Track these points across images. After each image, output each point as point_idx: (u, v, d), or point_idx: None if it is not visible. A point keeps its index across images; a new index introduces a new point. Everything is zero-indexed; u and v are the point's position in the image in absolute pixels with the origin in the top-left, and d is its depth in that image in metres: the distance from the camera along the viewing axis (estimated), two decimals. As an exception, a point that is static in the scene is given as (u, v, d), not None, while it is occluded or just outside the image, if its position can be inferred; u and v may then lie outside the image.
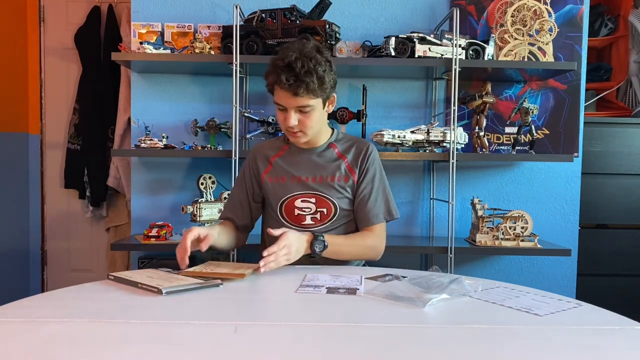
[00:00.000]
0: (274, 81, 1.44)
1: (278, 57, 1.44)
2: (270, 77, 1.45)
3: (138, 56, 2.10)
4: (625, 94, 2.72)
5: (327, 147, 1.62)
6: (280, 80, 1.40)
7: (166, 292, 1.11)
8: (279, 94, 1.46)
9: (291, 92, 1.42)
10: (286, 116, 1.48)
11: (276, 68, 1.42)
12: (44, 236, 3.17)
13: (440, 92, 2.35)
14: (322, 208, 1.57)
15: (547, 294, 1.20)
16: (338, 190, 1.57)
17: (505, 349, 0.86)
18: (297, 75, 1.39)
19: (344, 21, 2.29)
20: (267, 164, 1.63)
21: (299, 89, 1.41)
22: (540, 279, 2.40)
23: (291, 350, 0.84)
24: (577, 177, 2.38)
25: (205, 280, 1.20)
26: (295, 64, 1.39)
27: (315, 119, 1.50)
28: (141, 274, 1.27)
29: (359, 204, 1.59)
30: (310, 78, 1.40)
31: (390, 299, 1.11)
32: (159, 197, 2.35)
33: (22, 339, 0.86)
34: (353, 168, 1.59)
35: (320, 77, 1.43)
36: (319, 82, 1.43)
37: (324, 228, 1.57)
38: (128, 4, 2.61)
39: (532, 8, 2.30)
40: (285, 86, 1.41)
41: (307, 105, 1.46)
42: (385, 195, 1.62)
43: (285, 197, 1.58)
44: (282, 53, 1.44)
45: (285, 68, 1.40)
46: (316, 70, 1.41)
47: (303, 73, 1.40)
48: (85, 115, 2.95)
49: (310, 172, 1.59)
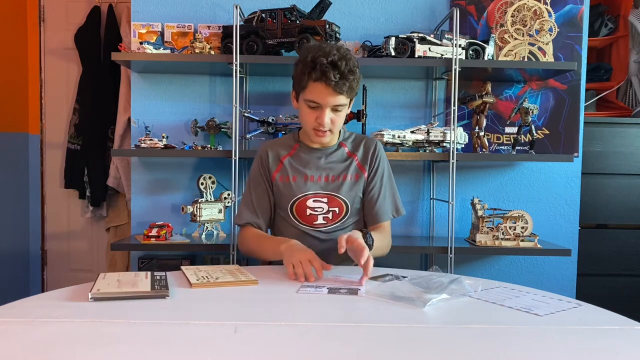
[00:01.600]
0: (317, 77, 1.42)
1: (317, 55, 1.42)
2: (313, 73, 1.42)
3: (138, 56, 2.10)
4: (625, 94, 2.72)
5: (338, 146, 1.63)
6: (328, 77, 1.40)
7: (92, 298, 1.07)
8: (316, 90, 1.44)
9: (334, 90, 1.43)
10: (319, 114, 1.48)
11: (320, 65, 1.41)
12: (44, 236, 3.17)
13: (440, 92, 2.35)
14: (334, 207, 1.57)
15: (547, 294, 1.20)
16: (350, 189, 1.58)
17: (505, 349, 0.86)
18: (342, 73, 1.42)
19: (344, 21, 2.29)
20: (278, 163, 1.62)
21: (343, 87, 1.43)
22: (540, 279, 2.40)
23: (291, 350, 0.84)
24: (577, 177, 2.38)
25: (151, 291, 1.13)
26: (340, 62, 1.41)
27: (343, 118, 1.53)
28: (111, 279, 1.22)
29: (368, 202, 1.60)
30: (353, 76, 1.44)
31: (391, 299, 1.11)
32: (159, 197, 2.35)
33: (22, 339, 0.86)
34: (363, 166, 1.61)
35: (358, 78, 1.48)
36: (357, 82, 1.48)
37: (334, 227, 1.58)
38: (128, 4, 2.61)
39: (532, 8, 2.30)
40: (332, 83, 1.41)
41: (342, 104, 1.48)
42: (392, 193, 1.64)
43: (296, 197, 1.57)
44: (317, 51, 1.43)
45: (330, 65, 1.41)
46: (355, 71, 1.45)
47: (347, 72, 1.42)
48: (85, 115, 2.95)
49: (322, 171, 1.59)
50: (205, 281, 1.25)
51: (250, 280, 1.26)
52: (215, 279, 1.26)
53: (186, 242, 2.08)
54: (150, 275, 1.27)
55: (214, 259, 2.29)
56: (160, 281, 1.21)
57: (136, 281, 1.20)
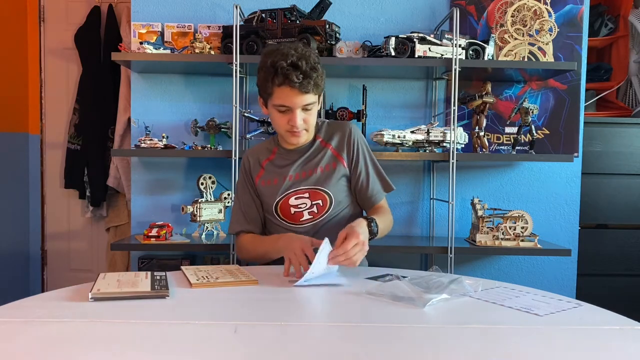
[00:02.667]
0: (280, 82, 1.41)
1: (277, 59, 1.40)
2: (276, 79, 1.41)
3: (138, 56, 2.10)
4: (625, 94, 2.72)
5: (314, 140, 1.62)
6: (291, 79, 1.39)
7: (92, 298, 1.08)
8: (283, 94, 1.43)
9: (300, 90, 1.42)
10: (290, 117, 1.47)
11: (280, 69, 1.39)
12: (44, 236, 3.17)
13: (440, 92, 2.35)
14: (317, 200, 1.56)
15: (547, 294, 1.20)
16: (329, 178, 1.57)
17: (505, 349, 0.86)
18: (304, 72, 1.40)
19: (344, 21, 2.29)
20: (259, 168, 1.63)
21: (308, 86, 1.41)
22: (540, 279, 2.40)
23: (291, 350, 0.84)
24: (577, 177, 2.38)
25: (151, 291, 1.13)
26: (300, 62, 1.39)
27: (315, 115, 1.52)
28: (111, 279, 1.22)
29: (359, 189, 1.60)
30: (316, 73, 1.43)
31: (390, 299, 1.11)
32: (159, 197, 2.35)
33: (22, 339, 0.86)
34: (340, 154, 1.59)
35: (321, 74, 1.46)
36: (321, 78, 1.46)
37: (322, 220, 1.57)
38: (128, 4, 2.61)
39: (532, 8, 2.30)
40: (297, 85, 1.40)
41: (311, 103, 1.47)
42: (378, 172, 1.63)
43: (278, 198, 1.57)
44: (276, 55, 1.41)
45: (291, 67, 1.39)
46: (317, 67, 1.43)
47: (310, 69, 1.41)
48: (85, 115, 2.95)
49: (300, 168, 1.59)
50: (205, 281, 1.25)
51: (250, 280, 1.26)
52: (215, 279, 1.26)
53: (186, 242, 2.08)
54: (150, 275, 1.27)
55: (214, 259, 2.29)
56: (160, 281, 1.21)
57: (136, 281, 1.20)
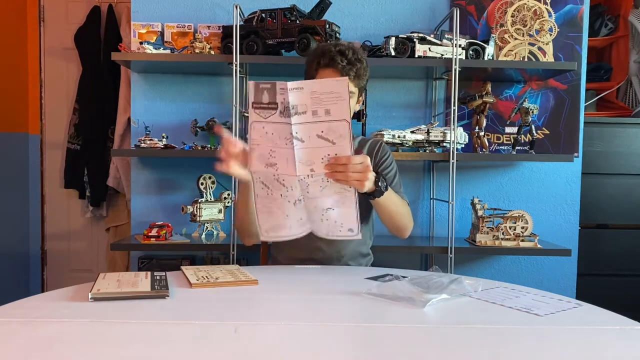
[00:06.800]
0: (325, 64, 1.50)
1: (324, 46, 1.54)
2: (321, 60, 1.50)
3: (138, 56, 2.10)
4: (625, 94, 2.72)
5: None
6: (335, 61, 1.48)
7: (92, 298, 1.08)
8: (325, 75, 1.50)
9: (342, 74, 1.49)
10: None
11: (328, 52, 1.50)
12: (43, 236, 3.17)
13: (440, 92, 2.35)
14: None
15: (547, 294, 1.20)
16: None
17: (505, 348, 0.86)
18: (349, 60, 1.49)
19: (344, 21, 2.29)
20: None
21: (350, 71, 1.50)
22: (540, 279, 2.40)
23: (291, 350, 0.84)
24: (577, 177, 2.38)
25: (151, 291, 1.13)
26: (347, 51, 1.50)
27: (353, 108, 1.57)
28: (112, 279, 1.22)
29: None
30: (360, 64, 1.52)
31: (390, 299, 1.11)
32: (159, 197, 2.35)
33: (22, 339, 0.85)
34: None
35: (365, 67, 1.55)
36: (364, 70, 1.54)
37: None
38: (128, 4, 2.61)
39: (532, 8, 2.30)
40: (340, 67, 1.48)
41: (351, 91, 1.51)
42: (400, 183, 1.64)
43: None
44: (325, 45, 1.55)
45: (338, 53, 1.49)
46: (362, 60, 1.53)
47: (354, 59, 1.50)
48: (85, 115, 2.95)
49: None
50: (205, 281, 1.25)
51: (250, 280, 1.26)
52: (215, 279, 1.26)
53: (186, 242, 2.08)
54: (150, 275, 1.27)
55: (214, 259, 2.29)
56: (160, 281, 1.21)
57: (136, 281, 1.20)
